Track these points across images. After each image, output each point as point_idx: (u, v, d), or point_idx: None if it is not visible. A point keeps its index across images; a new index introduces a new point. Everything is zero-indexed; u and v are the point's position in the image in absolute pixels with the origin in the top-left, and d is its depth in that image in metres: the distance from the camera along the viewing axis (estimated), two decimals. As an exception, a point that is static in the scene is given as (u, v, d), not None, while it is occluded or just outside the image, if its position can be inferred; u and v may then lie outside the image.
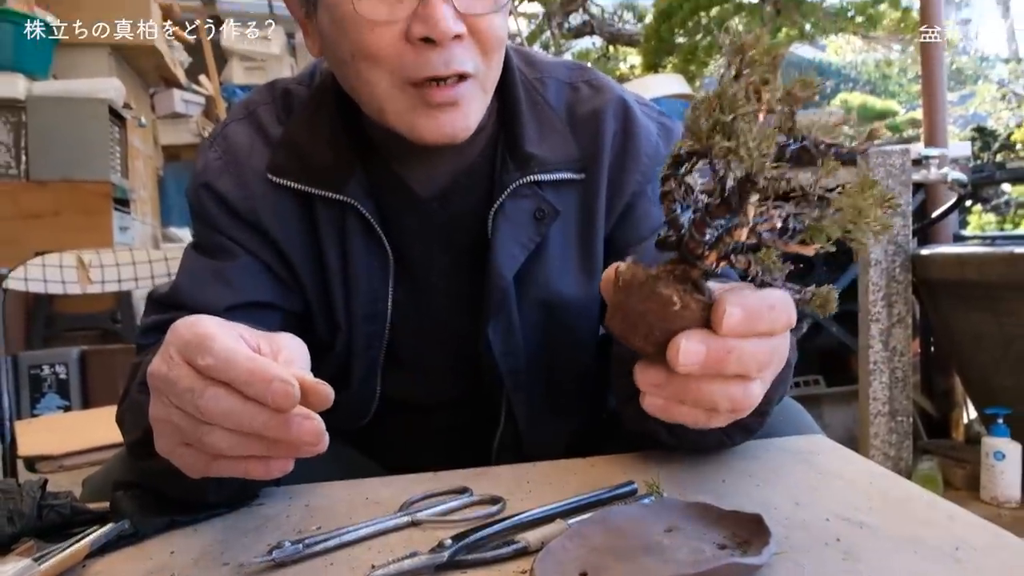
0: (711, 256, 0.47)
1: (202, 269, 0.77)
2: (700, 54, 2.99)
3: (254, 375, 0.45)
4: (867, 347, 2.36)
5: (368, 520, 0.54)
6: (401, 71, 0.67)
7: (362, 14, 0.65)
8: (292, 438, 0.46)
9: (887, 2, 2.85)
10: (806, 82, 0.44)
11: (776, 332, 0.48)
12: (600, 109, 0.81)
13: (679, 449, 0.66)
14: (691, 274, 0.48)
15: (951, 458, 2.38)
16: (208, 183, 0.78)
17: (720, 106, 0.43)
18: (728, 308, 0.45)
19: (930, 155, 2.60)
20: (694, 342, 0.45)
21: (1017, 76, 7.46)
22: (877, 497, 0.56)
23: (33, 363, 2.77)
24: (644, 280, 0.47)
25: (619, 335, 0.50)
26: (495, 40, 0.70)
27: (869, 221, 0.44)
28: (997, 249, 2.19)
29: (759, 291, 0.47)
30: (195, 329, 0.48)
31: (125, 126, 3.85)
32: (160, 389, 0.49)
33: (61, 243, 2.84)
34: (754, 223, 0.46)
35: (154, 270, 1.90)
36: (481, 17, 0.68)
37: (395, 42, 0.66)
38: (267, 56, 6.23)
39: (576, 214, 0.79)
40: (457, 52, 0.67)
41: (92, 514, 0.57)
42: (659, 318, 0.47)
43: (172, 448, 0.50)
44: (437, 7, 0.64)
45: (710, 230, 0.47)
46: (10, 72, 3.32)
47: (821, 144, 0.44)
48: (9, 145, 3.35)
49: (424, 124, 0.69)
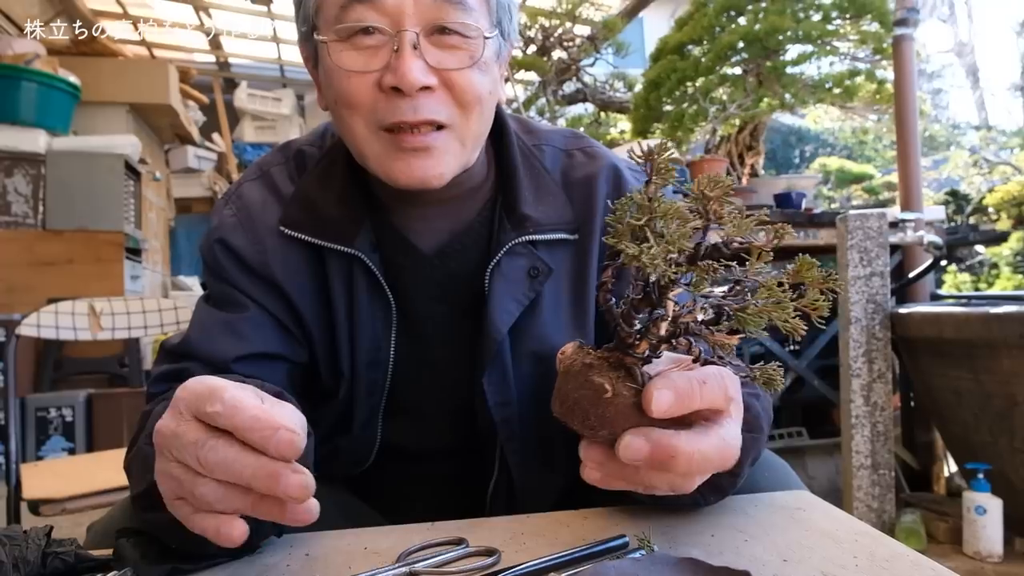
0: (642, 345, 0.49)
1: (213, 321, 0.78)
2: (687, 121, 3.12)
3: (260, 421, 0.46)
4: (849, 401, 2.41)
5: (367, 570, 0.55)
6: (374, 116, 0.71)
7: (340, 65, 0.71)
8: (279, 490, 0.46)
9: (863, 75, 3.01)
10: (714, 180, 0.47)
11: (715, 406, 0.50)
12: (594, 174, 0.84)
13: (656, 505, 0.67)
14: (624, 361, 0.49)
15: (933, 511, 2.41)
16: (223, 239, 0.80)
17: (633, 210, 0.46)
18: (656, 392, 0.47)
19: (906, 219, 2.72)
20: (639, 440, 0.48)
21: (987, 143, 7.72)
22: (863, 555, 0.58)
23: (40, 406, 2.81)
24: (580, 368, 0.49)
25: (559, 418, 0.51)
26: (471, 94, 0.72)
27: (788, 312, 0.46)
28: (973, 309, 2.25)
29: (691, 371, 0.49)
30: (205, 382, 0.49)
31: (140, 180, 3.97)
32: (165, 445, 0.50)
33: (74, 290, 2.93)
34: (676, 315, 0.48)
35: (163, 318, 1.94)
36: (455, 71, 0.71)
37: (369, 90, 0.70)
38: (277, 116, 6.42)
39: (569, 272, 0.82)
40: (426, 102, 0.70)
41: (96, 561, 0.57)
42: (593, 404, 0.48)
43: (170, 501, 0.51)
44: (406, 60, 0.68)
45: (638, 321, 0.49)
46: (33, 128, 3.46)
47: (733, 243, 0.47)
48: (28, 196, 3.45)
49: (398, 168, 0.72)
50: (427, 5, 0.69)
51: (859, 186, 6.07)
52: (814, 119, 4.82)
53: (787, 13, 2.91)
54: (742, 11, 3.06)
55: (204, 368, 0.74)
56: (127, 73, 4.25)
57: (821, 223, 2.73)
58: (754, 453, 0.63)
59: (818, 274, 0.47)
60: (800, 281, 0.47)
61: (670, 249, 0.45)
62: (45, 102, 3.49)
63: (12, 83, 3.38)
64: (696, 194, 0.47)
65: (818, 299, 0.46)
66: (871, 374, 2.42)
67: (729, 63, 3.12)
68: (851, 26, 3.01)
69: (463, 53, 0.72)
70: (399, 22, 0.69)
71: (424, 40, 0.70)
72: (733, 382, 0.51)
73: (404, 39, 0.69)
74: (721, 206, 0.47)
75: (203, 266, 0.84)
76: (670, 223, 0.46)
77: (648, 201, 0.46)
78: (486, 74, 0.74)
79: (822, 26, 2.96)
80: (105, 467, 1.76)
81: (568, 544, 0.59)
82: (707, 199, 0.47)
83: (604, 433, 0.50)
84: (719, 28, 3.10)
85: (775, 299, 0.46)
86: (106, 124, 4.03)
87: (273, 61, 6.74)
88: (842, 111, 3.22)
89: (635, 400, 0.48)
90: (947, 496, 2.65)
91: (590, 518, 0.68)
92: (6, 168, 3.41)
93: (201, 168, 5.43)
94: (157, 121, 4.64)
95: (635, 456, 0.48)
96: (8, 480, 1.58)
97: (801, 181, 3.36)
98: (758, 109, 3.05)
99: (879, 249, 2.44)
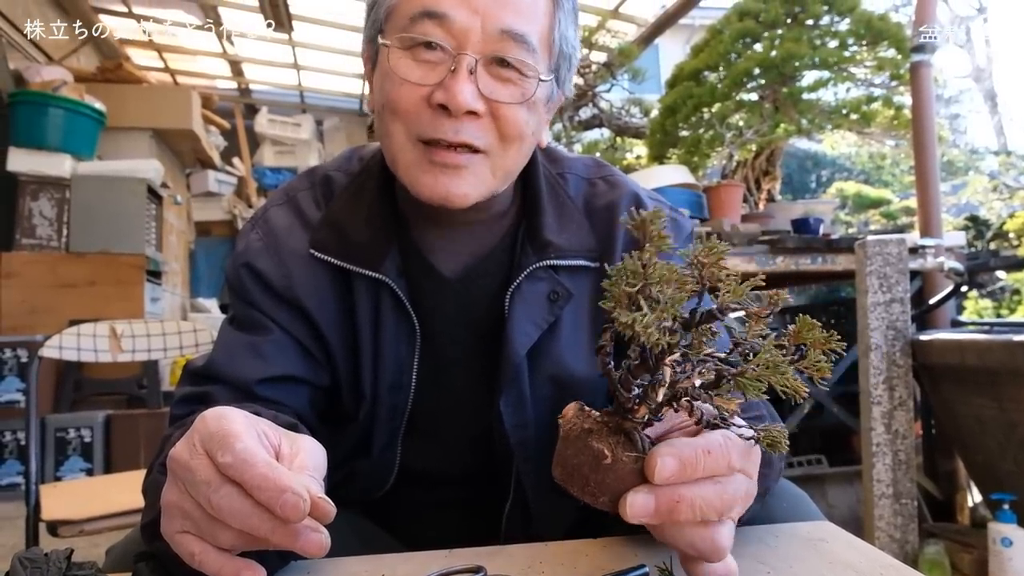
0: (640, 410, 0.48)
1: (237, 343, 0.79)
2: (703, 147, 3.12)
3: (267, 481, 0.46)
4: (869, 429, 2.37)
5: (384, 599, 0.53)
6: (416, 127, 0.73)
7: (396, 72, 0.72)
8: (298, 548, 0.47)
9: (881, 101, 3.00)
10: (709, 246, 0.47)
11: (720, 474, 0.49)
12: (615, 203, 0.86)
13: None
14: (624, 426, 0.49)
15: (958, 542, 2.36)
16: (249, 263, 0.81)
17: (627, 278, 0.46)
18: (660, 460, 0.47)
19: (926, 244, 2.69)
20: (641, 495, 0.48)
21: (1007, 168, 7.67)
22: (888, 588, 0.56)
23: (59, 426, 2.83)
24: (579, 433, 0.49)
25: (561, 484, 0.51)
26: (514, 129, 0.74)
27: (788, 376, 0.46)
28: (996, 336, 2.21)
29: (696, 437, 0.49)
30: (221, 424, 0.50)
31: (162, 203, 4.03)
32: (178, 474, 0.51)
33: (95, 311, 2.97)
34: (674, 380, 0.48)
35: (182, 340, 1.95)
36: (504, 104, 0.73)
37: (417, 101, 0.72)
38: (296, 141, 6.53)
39: (590, 298, 0.83)
40: (469, 126, 0.72)
41: (115, 585, 0.56)
42: (592, 470, 0.48)
43: (172, 534, 0.51)
44: (460, 83, 0.70)
45: (636, 386, 0.48)
46: (59, 152, 3.54)
47: (728, 309, 0.47)
48: (52, 219, 3.52)
49: (425, 180, 0.73)
50: (493, 36, 0.71)
51: (877, 211, 6.03)
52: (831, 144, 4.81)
53: (803, 40, 2.92)
54: (758, 38, 3.08)
55: (227, 391, 0.75)
56: (151, 99, 4.34)
57: (839, 248, 2.71)
58: (763, 487, 0.62)
59: (820, 335, 0.47)
60: (802, 342, 0.47)
61: (664, 316, 0.45)
62: (71, 128, 3.57)
63: (40, 109, 3.47)
64: (692, 260, 0.47)
65: (820, 360, 0.46)
66: (892, 401, 2.39)
67: (745, 89, 3.13)
68: (868, 52, 3.01)
69: (516, 88, 0.73)
70: (462, 45, 0.71)
71: (482, 67, 0.72)
72: (738, 451, 0.50)
73: (463, 62, 0.70)
74: (717, 272, 0.47)
75: (228, 289, 0.85)
76: (665, 289, 0.45)
77: (642, 268, 0.46)
78: (533, 114, 0.76)
79: (839, 53, 2.97)
80: (123, 489, 1.77)
81: (587, 573, 0.57)
82: (702, 265, 0.47)
83: (604, 500, 0.49)
84: (735, 55, 3.11)
85: (773, 363, 0.46)
86: (130, 149, 4.11)
87: (293, 88, 6.86)
88: (859, 136, 3.20)
89: (635, 466, 0.48)
90: (972, 527, 2.59)
91: (609, 546, 0.66)
92: (32, 192, 3.48)
93: (221, 192, 5.51)
94: (179, 146, 4.73)
95: (641, 514, 0.48)
96: (28, 501, 1.58)
97: (819, 206, 3.34)
98: (775, 135, 3.05)
99: (899, 275, 2.42)
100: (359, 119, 7.27)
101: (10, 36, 3.70)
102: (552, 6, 0.76)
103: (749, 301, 0.47)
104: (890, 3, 9.65)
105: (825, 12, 2.99)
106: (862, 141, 3.40)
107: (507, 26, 0.71)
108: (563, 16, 0.77)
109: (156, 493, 0.57)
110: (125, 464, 2.80)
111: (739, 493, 0.51)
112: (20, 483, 2.78)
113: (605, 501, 0.49)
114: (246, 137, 6.58)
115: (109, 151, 3.97)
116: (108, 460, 2.87)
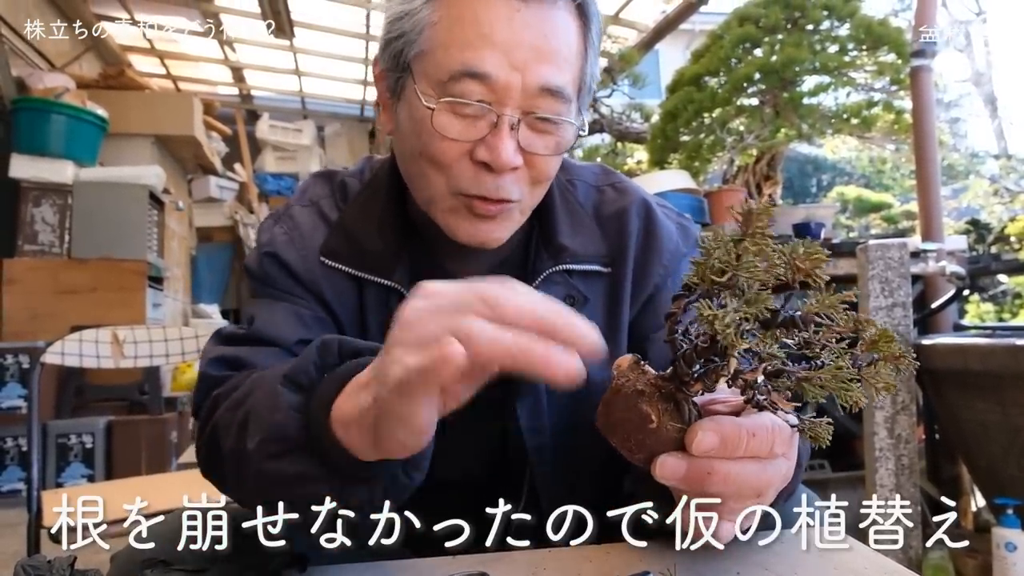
0: (696, 386, 0.49)
1: (272, 308, 0.79)
2: (703, 152, 3.13)
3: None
4: (872, 434, 2.37)
5: (391, 603, 0.55)
6: (456, 181, 0.73)
7: (439, 128, 0.71)
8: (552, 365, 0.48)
9: (881, 106, 3.01)
10: (811, 252, 0.45)
11: (762, 457, 0.49)
12: (625, 209, 0.86)
13: None
14: (676, 395, 0.50)
15: (962, 547, 2.35)
16: (274, 252, 0.82)
17: (719, 259, 0.46)
18: (700, 434, 0.48)
19: (928, 249, 2.69)
20: (673, 458, 0.49)
21: (1008, 172, 7.68)
22: (893, 594, 0.55)
23: (61, 432, 2.83)
24: (631, 392, 0.50)
25: (602, 431, 0.52)
26: (545, 176, 0.77)
27: (852, 391, 0.46)
28: (999, 340, 2.21)
29: (745, 418, 0.49)
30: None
31: (163, 209, 4.04)
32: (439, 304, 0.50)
33: (97, 317, 2.97)
34: (738, 371, 0.48)
35: (184, 347, 1.95)
36: (539, 156, 0.74)
37: (459, 157, 0.72)
38: (298, 147, 6.54)
39: (603, 302, 0.84)
40: (508, 181, 0.73)
41: (121, 593, 0.55)
42: (636, 430, 0.49)
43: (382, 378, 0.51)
44: (503, 139, 0.70)
45: (698, 365, 0.49)
46: (61, 159, 3.54)
47: (811, 321, 0.46)
48: (55, 226, 3.52)
49: (464, 228, 0.75)
50: (533, 93, 0.71)
51: (878, 215, 6.04)
52: (831, 148, 4.82)
53: (804, 45, 2.93)
54: (758, 43, 3.08)
55: (264, 354, 0.75)
56: (153, 106, 4.35)
57: (841, 253, 2.70)
58: (791, 486, 0.63)
59: (895, 348, 0.46)
60: (875, 351, 0.47)
61: (747, 312, 0.44)
62: (74, 134, 3.58)
63: (42, 116, 3.48)
64: (787, 259, 0.46)
65: (891, 376, 0.46)
66: (895, 406, 2.38)
67: (746, 94, 3.14)
68: (868, 57, 3.02)
69: (552, 139, 0.75)
70: (503, 101, 0.71)
71: (522, 123, 0.72)
72: (783, 438, 0.51)
73: (504, 120, 0.71)
74: (812, 280, 0.46)
75: (250, 281, 0.85)
76: (752, 284, 0.45)
77: (736, 259, 0.46)
78: (561, 156, 0.78)
79: (839, 58, 2.97)
80: (125, 495, 1.74)
81: (591, 579, 0.57)
82: (797, 269, 0.45)
83: (640, 457, 0.51)
84: (735, 60, 3.12)
85: (844, 377, 0.46)
86: (132, 155, 4.12)
87: (295, 94, 6.86)
88: (860, 141, 3.21)
89: (677, 436, 0.49)
90: (975, 531, 2.58)
91: (613, 553, 0.66)
92: (34, 198, 3.49)
93: (223, 198, 5.52)
94: (181, 152, 4.73)
95: (670, 476, 0.49)
96: (29, 507, 1.58)
97: (820, 210, 3.34)
98: (775, 139, 3.05)
99: (901, 279, 2.41)
100: (360, 124, 7.28)
101: (12, 43, 3.71)
102: (583, 45, 0.76)
103: (836, 316, 0.46)
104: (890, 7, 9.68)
105: (825, 17, 3.00)
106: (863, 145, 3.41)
107: (546, 82, 0.71)
108: (592, 53, 0.77)
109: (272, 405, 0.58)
110: (126, 471, 2.81)
111: (778, 474, 0.51)
112: (21, 489, 2.78)
113: (640, 458, 0.51)
114: (247, 143, 6.59)
115: (111, 157, 3.97)
116: (109, 466, 2.88)
